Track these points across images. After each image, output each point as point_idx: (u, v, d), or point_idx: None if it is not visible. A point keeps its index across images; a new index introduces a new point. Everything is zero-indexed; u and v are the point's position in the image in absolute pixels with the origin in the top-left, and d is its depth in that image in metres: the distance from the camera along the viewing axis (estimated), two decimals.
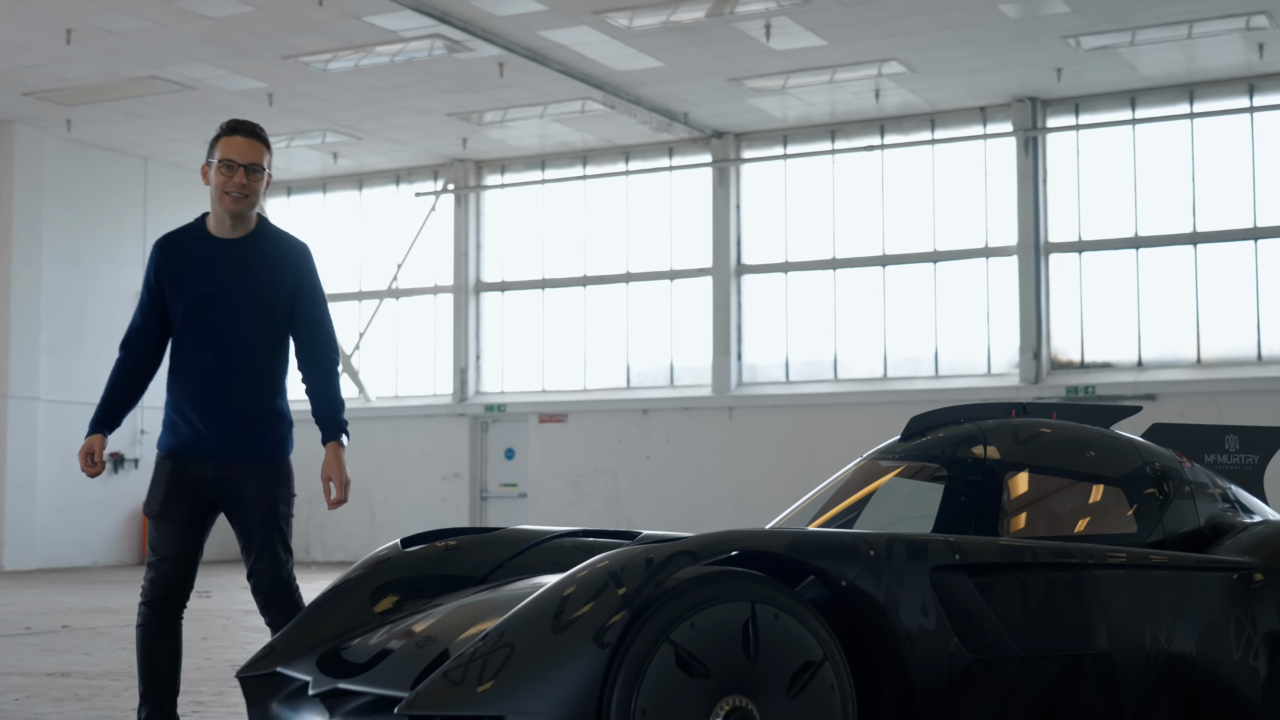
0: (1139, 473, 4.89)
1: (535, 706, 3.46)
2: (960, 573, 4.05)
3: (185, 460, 5.04)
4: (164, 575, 5.00)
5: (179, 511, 5.04)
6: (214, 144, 5.04)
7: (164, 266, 5.05)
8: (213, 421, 5.00)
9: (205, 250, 5.04)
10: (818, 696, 3.70)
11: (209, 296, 5.00)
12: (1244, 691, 4.46)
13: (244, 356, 5.01)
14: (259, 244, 5.08)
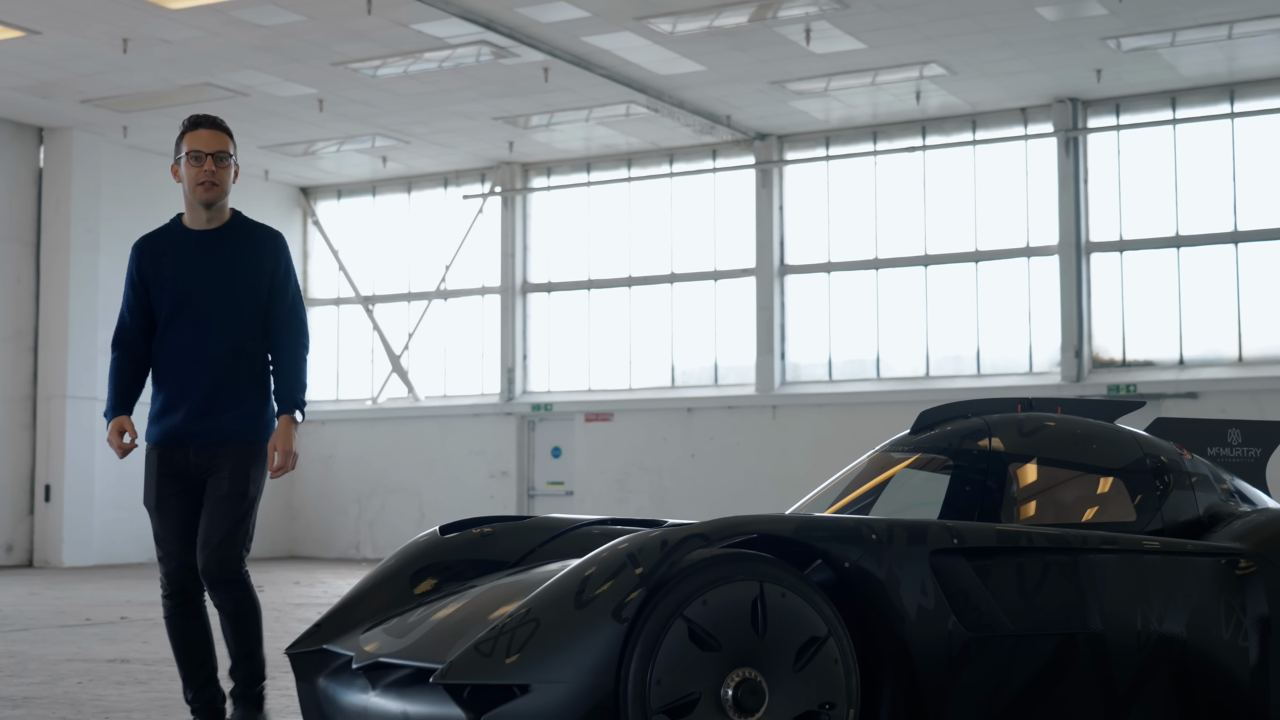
0: (1139, 465, 5.14)
1: (558, 675, 3.75)
2: (959, 556, 4.32)
3: (170, 449, 5.21)
4: (177, 567, 5.18)
5: (174, 502, 5.20)
6: (180, 141, 5.27)
7: (146, 263, 5.26)
8: (196, 408, 5.15)
9: (184, 244, 5.26)
10: (822, 669, 3.98)
11: (191, 286, 5.19)
12: (1234, 671, 4.69)
13: (227, 343, 5.19)
14: (235, 234, 5.29)
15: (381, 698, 4.17)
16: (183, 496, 5.19)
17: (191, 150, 5.21)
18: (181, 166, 5.25)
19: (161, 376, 5.27)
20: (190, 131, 5.27)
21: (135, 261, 5.32)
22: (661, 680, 3.79)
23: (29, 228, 21.26)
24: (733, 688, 3.88)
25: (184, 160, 5.23)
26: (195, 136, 5.23)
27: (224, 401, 5.18)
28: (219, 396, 5.18)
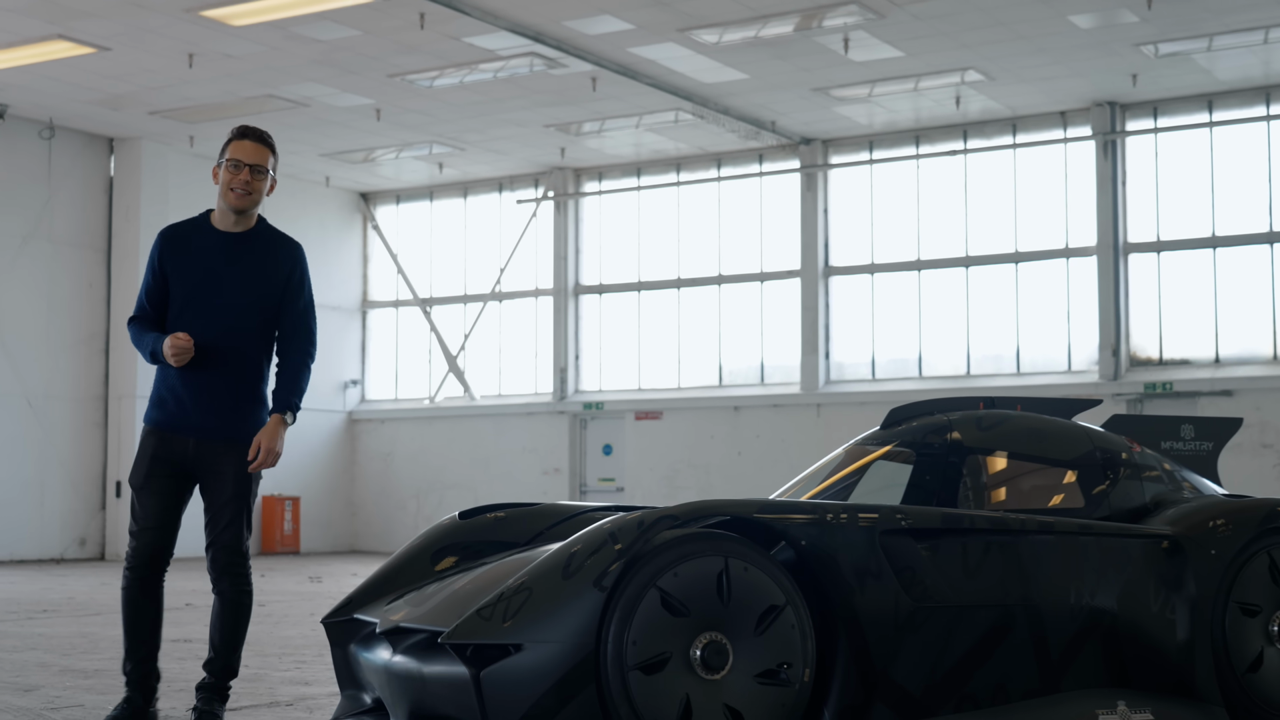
0: (1089, 457, 5.68)
1: (547, 636, 4.35)
2: (906, 536, 4.88)
3: (169, 436, 5.36)
4: (147, 544, 5.35)
5: (161, 484, 5.36)
6: (225, 147, 5.47)
7: (168, 253, 5.42)
8: (199, 401, 5.32)
9: (207, 241, 5.43)
10: (780, 634, 4.56)
11: (206, 283, 5.36)
12: (1161, 643, 5.22)
13: (234, 342, 5.36)
14: (258, 240, 5.49)
15: (400, 658, 4.79)
16: (170, 481, 5.34)
17: (233, 158, 5.40)
18: (221, 170, 5.44)
19: (171, 368, 5.36)
20: (236, 140, 5.46)
21: (158, 250, 5.45)
22: (637, 641, 4.38)
23: (100, 235, 22.12)
24: (700, 649, 4.46)
25: (224, 165, 5.43)
26: (240, 146, 5.43)
27: (230, 400, 5.34)
28: (225, 394, 5.34)
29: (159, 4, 16.08)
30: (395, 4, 16.06)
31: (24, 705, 6.18)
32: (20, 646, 8.71)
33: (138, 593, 5.38)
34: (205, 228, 5.50)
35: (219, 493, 5.39)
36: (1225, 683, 5.27)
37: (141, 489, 5.39)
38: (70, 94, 19.60)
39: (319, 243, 24.87)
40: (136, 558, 5.38)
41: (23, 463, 20.95)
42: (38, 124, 20.93)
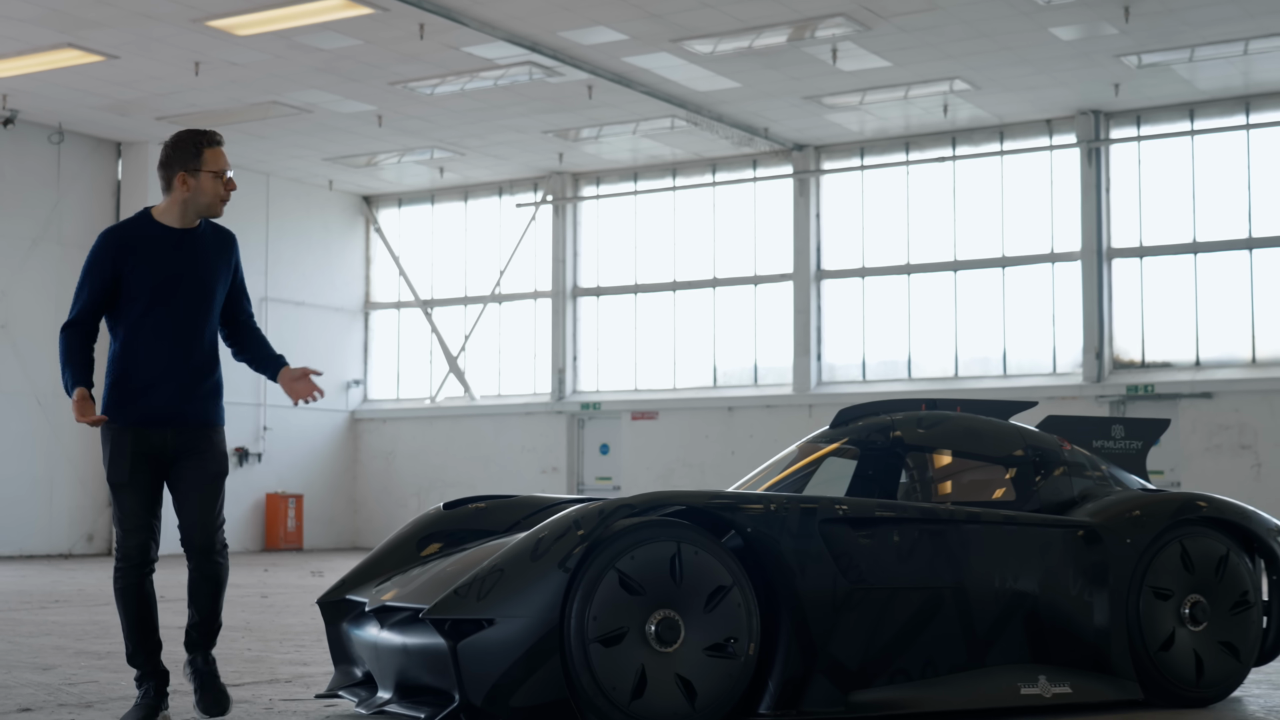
0: (1021, 455, 6.19)
1: (517, 612, 4.85)
2: (844, 524, 5.39)
3: (147, 431, 5.40)
4: (140, 542, 5.41)
5: (144, 480, 5.41)
6: (198, 154, 5.43)
7: (123, 254, 5.37)
8: (177, 392, 5.40)
9: (166, 240, 5.43)
10: (727, 612, 5.07)
11: (173, 280, 5.41)
12: (1079, 621, 5.73)
13: (202, 333, 5.47)
14: (209, 233, 5.55)
15: (387, 633, 5.30)
16: (152, 475, 5.42)
17: (217, 169, 5.44)
18: (197, 179, 5.42)
19: (139, 362, 5.41)
20: (211, 149, 5.47)
21: (111, 251, 5.41)
22: (597, 617, 4.89)
23: None
24: (655, 624, 4.97)
25: (202, 175, 5.42)
26: (217, 155, 5.47)
27: (204, 388, 5.47)
28: (200, 383, 5.46)
29: (166, 14, 16.58)
30: (395, 15, 16.55)
31: (43, 681, 6.69)
32: (36, 632, 9.23)
33: (137, 589, 5.45)
34: (153, 225, 5.49)
35: (201, 473, 5.43)
36: (1139, 660, 5.77)
37: (125, 486, 5.41)
38: (79, 100, 20.11)
39: (322, 245, 25.43)
40: (136, 555, 5.44)
41: (32, 460, 21.46)
42: (47, 129, 21.44)
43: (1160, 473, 19.88)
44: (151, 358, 5.40)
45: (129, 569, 5.45)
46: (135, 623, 5.46)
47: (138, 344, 5.41)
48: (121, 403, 5.40)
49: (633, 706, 4.90)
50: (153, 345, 5.41)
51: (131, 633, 5.46)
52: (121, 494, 5.42)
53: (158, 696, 5.42)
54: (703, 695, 5.01)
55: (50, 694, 6.25)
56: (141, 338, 5.41)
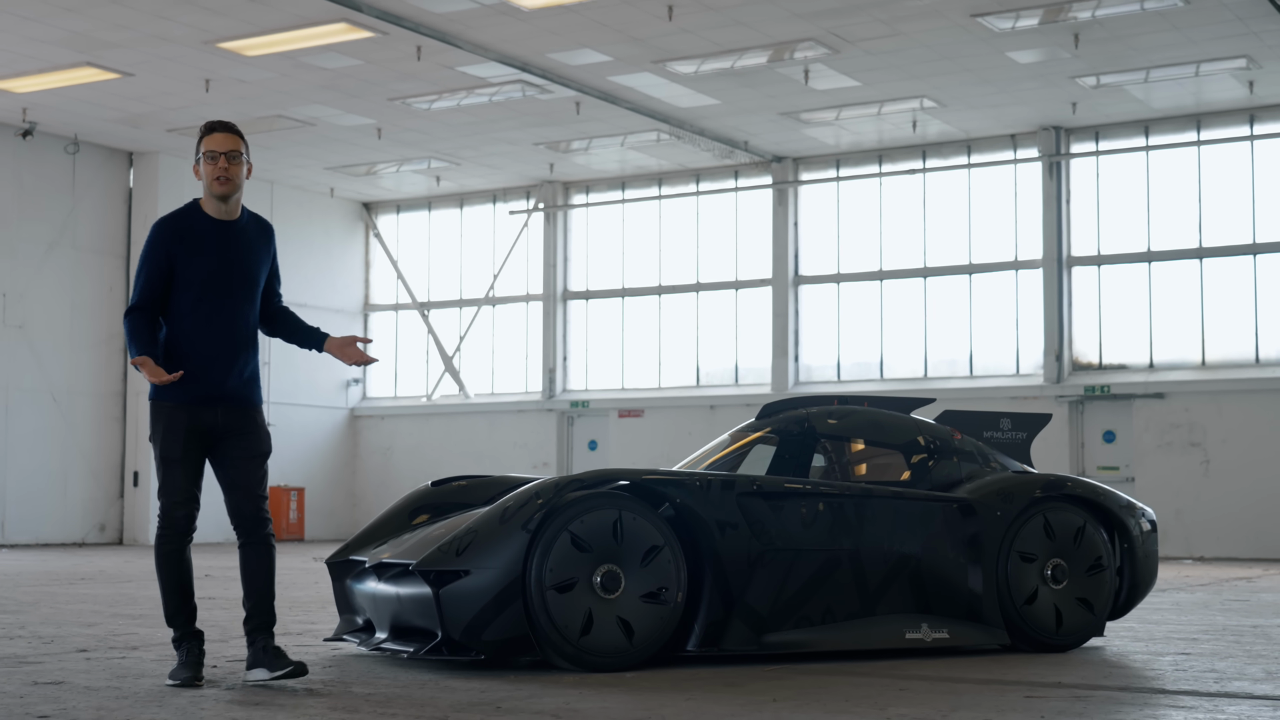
0: (915, 442, 7.36)
1: (488, 564, 6.01)
2: (758, 497, 6.56)
3: (198, 409, 5.75)
4: (185, 515, 5.76)
5: (194, 455, 5.76)
6: (198, 144, 5.81)
7: (175, 243, 5.75)
8: (228, 374, 5.78)
9: (210, 229, 5.80)
10: (660, 567, 6.23)
11: (221, 269, 5.78)
12: (956, 579, 6.89)
13: (248, 318, 5.88)
14: (249, 225, 5.92)
15: (383, 585, 6.46)
16: (200, 450, 5.77)
17: (208, 150, 5.74)
18: (200, 165, 5.78)
19: (190, 345, 5.75)
20: (207, 135, 5.78)
21: (164, 241, 5.77)
22: (553, 569, 6.05)
23: (120, 242, 23.80)
24: (600, 575, 6.13)
25: (202, 160, 5.76)
26: (212, 139, 5.76)
27: (249, 371, 5.88)
28: (246, 366, 5.86)
29: (180, 37, 17.74)
30: (394, 38, 17.71)
31: (90, 634, 7.84)
32: (73, 600, 10.40)
33: (179, 555, 5.79)
34: (202, 217, 5.84)
35: (248, 451, 5.82)
36: (1007, 612, 6.94)
37: (178, 461, 5.72)
38: (94, 113, 21.27)
39: (324, 250, 26.60)
40: (183, 524, 5.78)
41: (48, 453, 22.63)
42: (63, 140, 22.60)
43: (1115, 469, 21.08)
44: (201, 341, 5.73)
45: (174, 535, 5.78)
46: (176, 586, 5.79)
47: (188, 328, 5.74)
48: (179, 382, 5.69)
49: (581, 642, 6.07)
50: (202, 329, 5.74)
51: (172, 595, 5.79)
52: (172, 467, 5.74)
53: (200, 653, 5.75)
54: (639, 634, 6.17)
55: (98, 641, 7.41)
56: (191, 322, 5.74)
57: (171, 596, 5.80)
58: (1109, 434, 21.29)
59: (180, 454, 5.74)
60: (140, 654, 6.80)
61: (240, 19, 17.10)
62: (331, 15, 16.93)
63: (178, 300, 5.79)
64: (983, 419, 7.88)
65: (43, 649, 7.00)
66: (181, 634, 5.77)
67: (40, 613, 9.23)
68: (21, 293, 22.38)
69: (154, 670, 6.14)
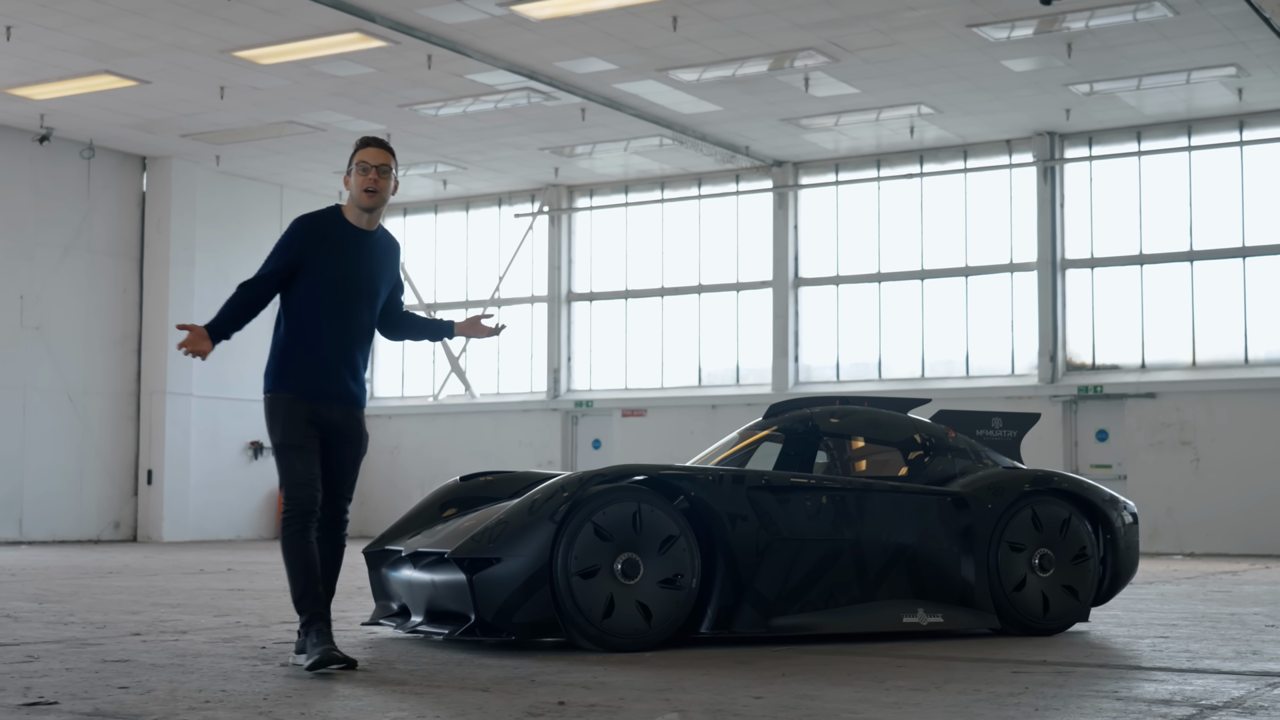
0: (912, 440, 7.87)
1: (517, 552, 6.51)
2: (766, 490, 7.07)
3: (315, 402, 6.05)
4: (311, 495, 5.97)
5: (313, 443, 6.04)
6: (352, 156, 6.18)
7: (309, 240, 6.05)
8: (345, 374, 6.09)
9: (347, 235, 6.12)
10: (676, 555, 6.74)
11: (349, 274, 6.08)
12: (948, 567, 7.40)
13: (365, 324, 6.18)
14: (382, 239, 6.29)
15: (419, 572, 6.96)
16: (317, 440, 6.06)
17: (360, 162, 6.12)
18: (351, 176, 6.13)
19: (313, 342, 6.04)
20: (362, 148, 6.15)
21: (299, 236, 6.07)
22: (578, 557, 6.56)
23: (133, 244, 24.30)
24: (621, 563, 6.64)
25: (354, 170, 6.12)
26: (365, 152, 6.13)
27: (361, 373, 6.21)
28: (360, 368, 6.19)
29: (197, 46, 18.23)
30: (406, 47, 18.21)
31: (139, 619, 8.34)
32: (109, 591, 10.90)
33: (304, 537, 5.97)
34: (342, 221, 6.17)
35: (350, 453, 6.15)
36: (997, 598, 7.45)
37: (300, 447, 5.97)
38: (110, 119, 21.76)
39: None
40: (301, 507, 5.97)
41: (63, 452, 23.12)
42: (79, 145, 23.09)
43: (1108, 467, 21.60)
44: (322, 339, 6.02)
45: (300, 517, 5.96)
46: (303, 568, 5.95)
47: (310, 326, 6.02)
48: (297, 376, 6.03)
49: (604, 624, 6.58)
50: (323, 329, 6.02)
51: (300, 577, 5.95)
52: (294, 454, 5.97)
53: (329, 634, 5.89)
54: (657, 617, 6.68)
55: (147, 626, 7.91)
56: (314, 320, 6.02)
57: (299, 578, 5.97)
58: (1102, 433, 21.81)
59: (301, 439, 5.99)
60: (191, 638, 7.30)
61: (257, 29, 17.59)
62: (345, 25, 17.43)
63: (304, 297, 6.06)
64: (975, 418, 8.39)
65: (98, 633, 7.50)
66: (310, 617, 5.92)
67: (82, 602, 9.73)
68: (38, 294, 22.87)
69: (209, 651, 6.64)
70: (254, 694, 5.20)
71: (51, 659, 6.28)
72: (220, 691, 5.26)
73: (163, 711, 4.76)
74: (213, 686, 5.39)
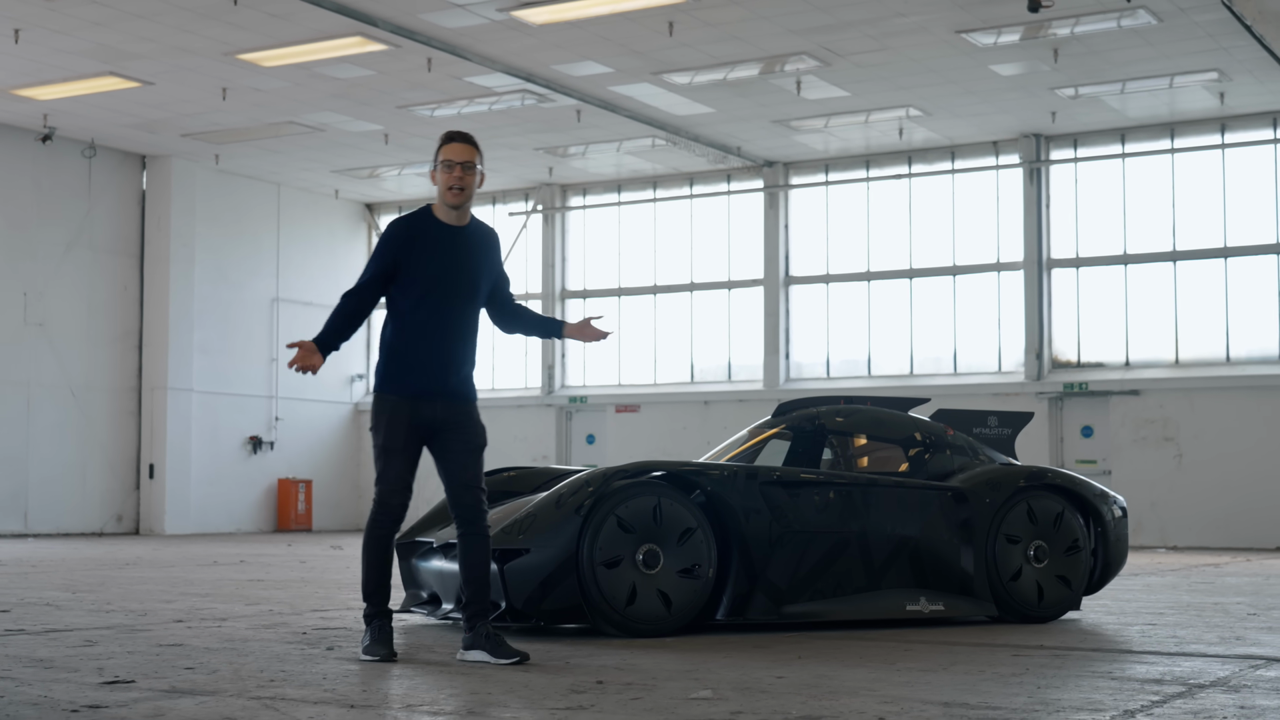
0: (913, 438, 8.30)
1: (545, 543, 6.92)
2: (778, 486, 7.49)
3: (419, 403, 6.09)
4: (402, 503, 6.10)
5: (413, 447, 6.11)
6: (437, 152, 6.13)
7: (404, 243, 6.09)
8: (448, 370, 6.12)
9: (440, 234, 6.12)
10: (693, 546, 7.15)
11: (448, 272, 6.10)
12: (949, 558, 7.83)
13: (468, 319, 6.20)
14: (477, 231, 6.27)
15: (450, 562, 7.36)
16: (418, 443, 6.12)
17: (445, 159, 6.09)
18: (437, 172, 6.11)
19: (413, 341, 6.09)
20: (446, 144, 6.12)
21: (394, 240, 6.12)
22: (602, 548, 6.97)
23: (134, 242, 24.63)
24: (642, 554, 7.05)
25: (439, 167, 6.09)
26: (450, 149, 6.10)
27: (467, 368, 6.22)
28: (465, 364, 6.20)
29: (201, 48, 18.58)
30: (407, 50, 18.58)
31: (175, 608, 8.72)
32: (135, 582, 11.27)
33: (387, 543, 6.13)
34: (433, 222, 6.17)
35: (465, 443, 6.16)
36: (994, 587, 7.88)
37: (399, 451, 6.05)
38: (112, 119, 22.09)
39: (328, 249, 27.45)
40: (390, 512, 6.09)
41: (66, 446, 23.46)
42: (81, 144, 23.41)
43: (1093, 462, 22.07)
44: (424, 339, 6.07)
45: (388, 521, 6.12)
46: (380, 566, 6.14)
47: (412, 326, 6.07)
48: (399, 376, 6.10)
49: (626, 611, 6.99)
50: (425, 328, 6.07)
51: (374, 573, 6.14)
52: (393, 457, 6.07)
53: (390, 631, 6.13)
54: (676, 605, 7.10)
55: (187, 614, 8.30)
56: (415, 321, 6.07)
57: (373, 574, 6.14)
58: (1087, 429, 22.29)
59: (401, 444, 6.07)
60: (232, 624, 7.70)
61: (261, 32, 17.94)
62: (348, 30, 17.79)
63: (403, 299, 6.10)
64: (972, 417, 8.82)
65: (142, 620, 7.89)
66: (375, 610, 6.12)
67: (114, 592, 10.11)
68: (41, 292, 23.19)
69: (254, 636, 7.04)
70: (313, 675, 5.60)
71: (109, 643, 6.66)
72: (280, 672, 5.65)
73: (235, 689, 5.15)
74: (271, 668, 5.79)
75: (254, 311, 25.81)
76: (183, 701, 4.88)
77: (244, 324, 25.65)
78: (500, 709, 4.79)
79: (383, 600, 6.15)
